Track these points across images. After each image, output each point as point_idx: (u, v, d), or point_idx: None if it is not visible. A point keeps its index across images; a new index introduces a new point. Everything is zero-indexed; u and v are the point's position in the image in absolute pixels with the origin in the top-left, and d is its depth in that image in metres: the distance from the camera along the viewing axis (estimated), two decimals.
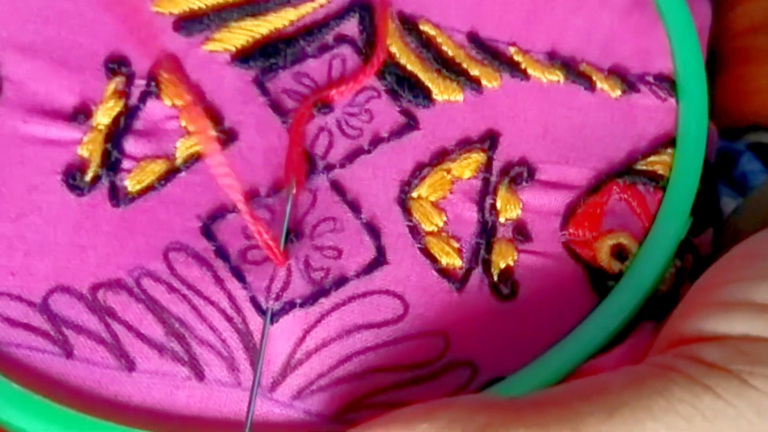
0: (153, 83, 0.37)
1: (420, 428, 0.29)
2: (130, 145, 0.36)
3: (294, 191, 0.35)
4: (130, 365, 0.33)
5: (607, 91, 0.38)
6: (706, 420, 0.26)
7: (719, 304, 0.29)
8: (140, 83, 0.37)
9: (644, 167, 0.37)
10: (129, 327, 0.33)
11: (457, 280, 0.35)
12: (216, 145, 0.36)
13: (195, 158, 0.36)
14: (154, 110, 0.37)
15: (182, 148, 0.36)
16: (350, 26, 0.39)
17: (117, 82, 0.37)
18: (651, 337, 0.35)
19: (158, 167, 0.36)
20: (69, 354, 0.33)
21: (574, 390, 0.29)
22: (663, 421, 0.26)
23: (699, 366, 0.27)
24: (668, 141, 0.38)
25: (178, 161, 0.36)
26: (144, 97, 0.37)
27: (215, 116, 0.37)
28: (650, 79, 0.39)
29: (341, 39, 0.38)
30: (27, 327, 0.33)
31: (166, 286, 0.34)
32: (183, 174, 0.36)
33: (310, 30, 0.38)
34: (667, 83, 0.39)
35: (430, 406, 0.30)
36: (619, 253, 0.36)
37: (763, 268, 0.29)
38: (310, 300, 0.34)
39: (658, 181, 0.37)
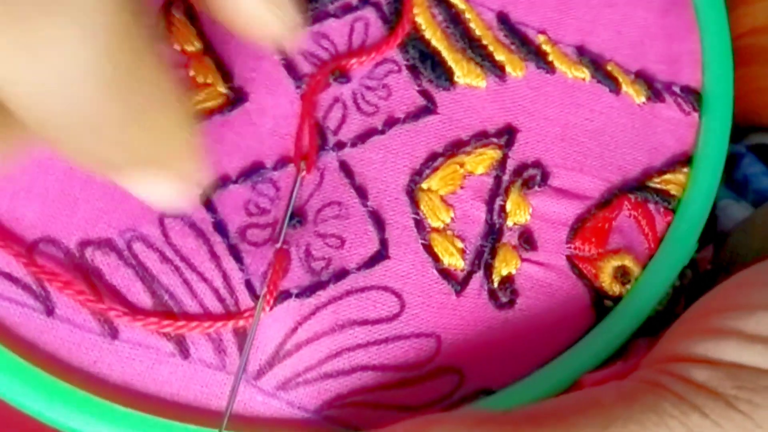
0: (163, 23, 0.35)
1: None
2: None
3: (303, 174, 0.33)
4: (113, 333, 0.32)
5: (631, 95, 0.37)
6: None
7: (711, 331, 0.30)
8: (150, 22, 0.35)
9: (658, 185, 0.36)
10: (115, 292, 0.32)
11: (457, 282, 0.34)
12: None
13: (202, 116, 0.34)
14: (162, 54, 0.34)
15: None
16: None
17: None
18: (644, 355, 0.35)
19: None
20: (50, 311, 0.32)
21: (568, 403, 0.29)
22: None
23: (688, 385, 0.28)
24: (685, 159, 0.37)
25: None
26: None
27: (225, 70, 0.35)
28: (677, 89, 0.38)
29: (366, 1, 0.36)
30: (8, 277, 0.32)
31: (158, 254, 0.32)
32: None
33: None
34: (693, 96, 0.38)
35: (422, 421, 0.30)
36: (622, 276, 0.35)
37: (755, 299, 0.30)
38: (306, 292, 0.33)
39: (670, 202, 0.36)
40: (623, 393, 0.29)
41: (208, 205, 0.33)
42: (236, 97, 0.34)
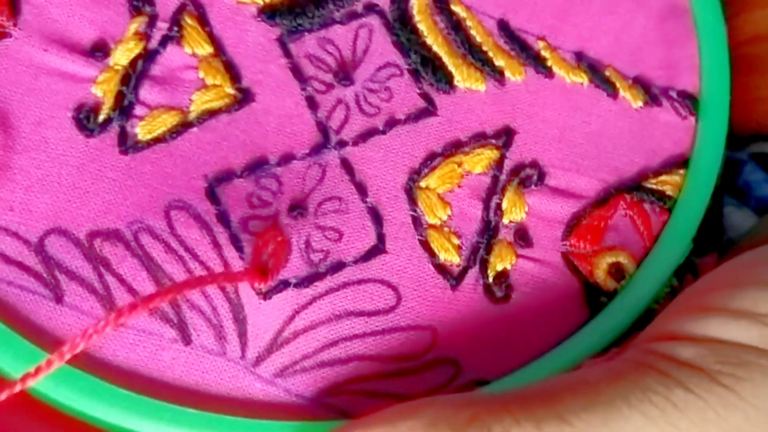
0: (176, 28, 0.36)
1: (404, 425, 0.29)
2: (146, 90, 0.35)
3: None
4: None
5: (629, 100, 0.38)
6: (678, 410, 0.28)
7: (696, 308, 0.31)
8: (162, 26, 0.36)
9: (654, 185, 0.37)
10: (122, 280, 0.33)
11: (453, 277, 0.35)
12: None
13: (209, 114, 0.35)
14: (173, 57, 0.36)
15: (198, 102, 0.35)
16: None
17: (139, 22, 0.36)
18: None
19: (171, 119, 0.35)
20: (59, 299, 0.33)
21: (556, 383, 0.30)
22: (638, 408, 0.28)
23: (671, 363, 0.29)
24: (681, 161, 0.38)
25: (192, 115, 0.35)
26: (165, 41, 0.36)
27: (233, 72, 0.36)
28: (674, 94, 0.39)
29: (371, 8, 0.38)
30: (20, 266, 0.33)
31: (163, 245, 0.34)
32: (195, 129, 0.35)
33: None
34: (690, 101, 0.39)
35: (414, 404, 0.30)
36: (616, 272, 0.36)
37: (741, 277, 0.31)
38: (304, 282, 0.34)
39: (666, 202, 0.37)
40: (609, 372, 0.30)
41: (213, 196, 0.34)
42: (243, 98, 0.36)
